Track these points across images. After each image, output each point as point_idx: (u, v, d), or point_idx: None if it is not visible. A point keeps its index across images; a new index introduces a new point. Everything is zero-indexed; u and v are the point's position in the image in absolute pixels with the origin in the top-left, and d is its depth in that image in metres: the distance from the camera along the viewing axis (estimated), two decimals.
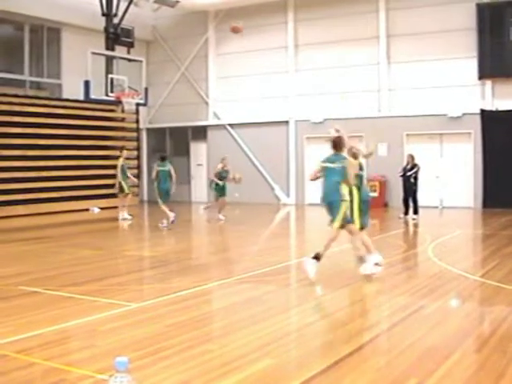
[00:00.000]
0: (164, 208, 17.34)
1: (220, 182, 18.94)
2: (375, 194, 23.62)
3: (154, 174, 17.71)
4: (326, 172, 9.83)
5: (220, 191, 19.13)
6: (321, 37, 24.89)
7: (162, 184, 17.50)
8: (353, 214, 10.03)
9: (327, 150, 10.61)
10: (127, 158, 20.79)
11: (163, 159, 18.07)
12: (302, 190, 25.50)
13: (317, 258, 9.37)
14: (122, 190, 19.50)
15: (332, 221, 9.58)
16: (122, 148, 21.09)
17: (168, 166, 17.69)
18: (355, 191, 10.09)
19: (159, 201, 17.48)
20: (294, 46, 25.68)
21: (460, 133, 22.41)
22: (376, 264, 9.76)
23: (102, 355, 5.76)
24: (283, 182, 25.89)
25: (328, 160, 9.92)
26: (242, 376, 5.22)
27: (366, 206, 10.42)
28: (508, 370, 5.28)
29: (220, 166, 19.27)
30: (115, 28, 23.57)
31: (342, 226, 9.65)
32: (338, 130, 10.79)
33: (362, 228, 10.20)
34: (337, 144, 10.00)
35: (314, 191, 25.02)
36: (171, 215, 17.20)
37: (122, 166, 19.53)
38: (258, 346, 6.08)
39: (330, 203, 9.63)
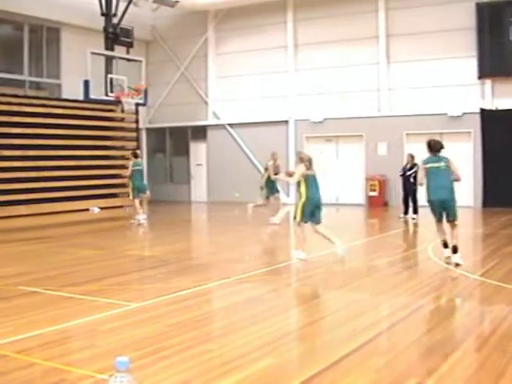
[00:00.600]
0: (137, 205, 18.03)
1: (273, 177, 17.66)
2: (375, 194, 23.67)
3: (129, 172, 18.23)
4: (431, 173, 10.60)
5: (271, 189, 18.25)
6: (320, 36, 24.89)
7: (137, 181, 18.19)
8: (297, 209, 11.27)
9: (327, 150, 10.94)
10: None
11: (137, 156, 18.56)
12: None
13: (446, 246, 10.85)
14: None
15: (452, 218, 10.64)
16: (134, 149, 21.35)
17: (141, 164, 18.68)
18: (303, 188, 11.19)
19: (132, 197, 18.25)
20: (294, 46, 25.69)
21: (460, 132, 22.41)
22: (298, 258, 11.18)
23: (103, 355, 5.77)
24: (283, 182, 25.84)
25: (430, 161, 10.70)
26: (242, 375, 5.22)
27: (315, 203, 11.34)
28: (508, 370, 5.28)
29: (271, 162, 18.16)
30: (114, 28, 23.54)
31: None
32: (300, 152, 12.35)
33: (305, 222, 11.32)
34: (432, 146, 10.79)
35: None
36: (142, 217, 18.01)
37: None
38: (258, 345, 6.08)
39: (446, 201, 10.51)
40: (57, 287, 8.88)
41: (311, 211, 11.26)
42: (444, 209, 10.55)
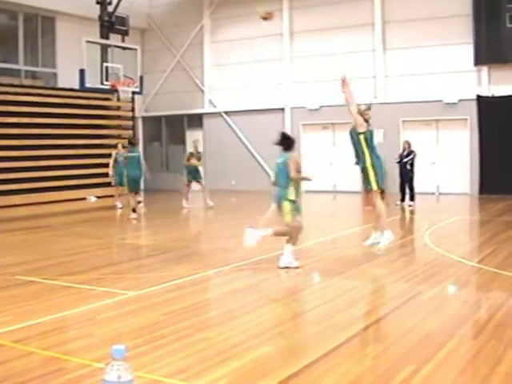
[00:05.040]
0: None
1: None
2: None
3: None
4: None
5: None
6: (316, 24, 24.80)
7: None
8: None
9: (323, 137, 10.82)
10: (124, 147, 20.74)
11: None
12: None
13: None
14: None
15: None
16: (195, 141, 21.01)
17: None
18: None
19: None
20: (290, 34, 25.59)
21: (456, 119, 22.39)
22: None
23: (100, 344, 5.78)
24: None
25: None
26: (239, 364, 5.23)
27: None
28: (505, 357, 5.30)
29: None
30: (110, 16, 23.47)
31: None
32: None
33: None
34: None
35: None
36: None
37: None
38: (255, 333, 6.09)
39: None
40: (54, 276, 8.88)
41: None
42: None
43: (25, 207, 20.15)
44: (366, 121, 10.76)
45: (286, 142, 9.73)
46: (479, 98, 21.84)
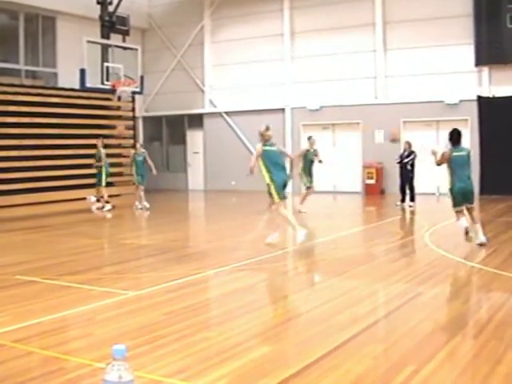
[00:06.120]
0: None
1: None
2: (372, 181, 23.66)
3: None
4: None
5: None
6: (317, 24, 24.79)
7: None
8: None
9: (323, 137, 10.80)
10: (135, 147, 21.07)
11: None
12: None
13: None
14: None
15: None
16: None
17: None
18: None
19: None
20: (290, 34, 25.60)
21: (457, 119, 22.34)
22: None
23: (100, 344, 5.77)
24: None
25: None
26: (240, 363, 5.23)
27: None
28: (505, 357, 5.29)
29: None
30: (110, 16, 23.47)
31: None
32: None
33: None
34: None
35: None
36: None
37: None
38: (255, 333, 6.09)
39: None
40: (54, 276, 8.88)
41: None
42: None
43: (25, 207, 20.12)
44: (267, 141, 11.80)
45: (459, 136, 11.28)
46: (480, 98, 21.84)
